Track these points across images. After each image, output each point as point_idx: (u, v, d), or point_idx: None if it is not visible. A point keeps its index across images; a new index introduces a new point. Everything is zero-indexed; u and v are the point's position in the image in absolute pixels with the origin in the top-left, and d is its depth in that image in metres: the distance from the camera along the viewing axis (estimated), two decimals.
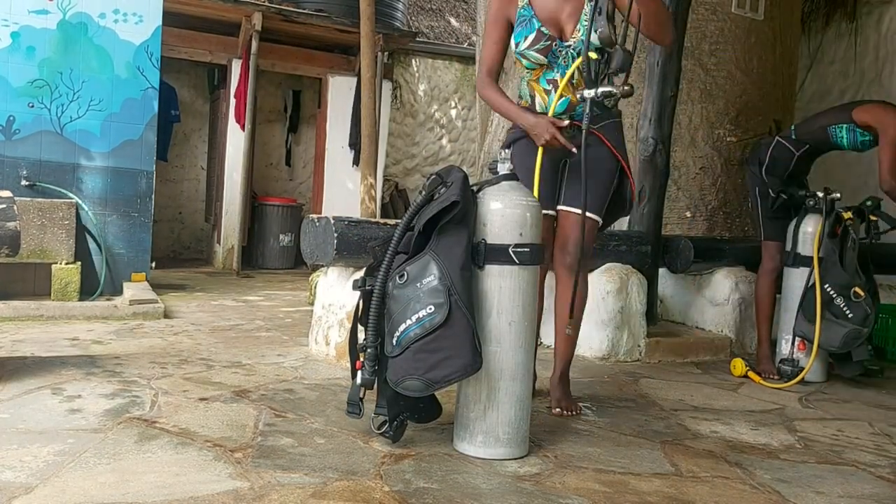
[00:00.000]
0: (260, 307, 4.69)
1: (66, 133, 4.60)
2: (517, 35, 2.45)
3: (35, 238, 4.21)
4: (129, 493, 1.58)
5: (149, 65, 4.80)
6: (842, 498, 1.84)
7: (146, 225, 4.84)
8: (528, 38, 2.41)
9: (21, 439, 1.89)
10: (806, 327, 3.18)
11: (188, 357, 3.02)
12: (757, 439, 2.31)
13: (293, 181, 8.57)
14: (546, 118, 2.34)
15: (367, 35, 4.77)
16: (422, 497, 1.66)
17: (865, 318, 3.15)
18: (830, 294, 3.17)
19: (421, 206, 1.96)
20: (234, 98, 6.91)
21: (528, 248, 1.94)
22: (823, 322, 3.12)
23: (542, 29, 2.39)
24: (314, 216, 2.87)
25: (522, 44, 2.42)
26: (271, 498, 1.59)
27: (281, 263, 7.40)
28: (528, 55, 2.42)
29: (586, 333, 3.54)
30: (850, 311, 3.15)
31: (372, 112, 4.92)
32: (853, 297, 3.15)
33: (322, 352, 3.16)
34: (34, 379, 2.50)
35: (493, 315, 1.94)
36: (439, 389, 1.91)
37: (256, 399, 2.41)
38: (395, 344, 1.90)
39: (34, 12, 4.51)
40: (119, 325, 3.74)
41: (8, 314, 3.71)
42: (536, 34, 2.40)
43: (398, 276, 1.93)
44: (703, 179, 4.45)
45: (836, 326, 3.14)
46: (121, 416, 2.14)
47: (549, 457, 2.01)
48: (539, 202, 2.12)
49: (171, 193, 8.08)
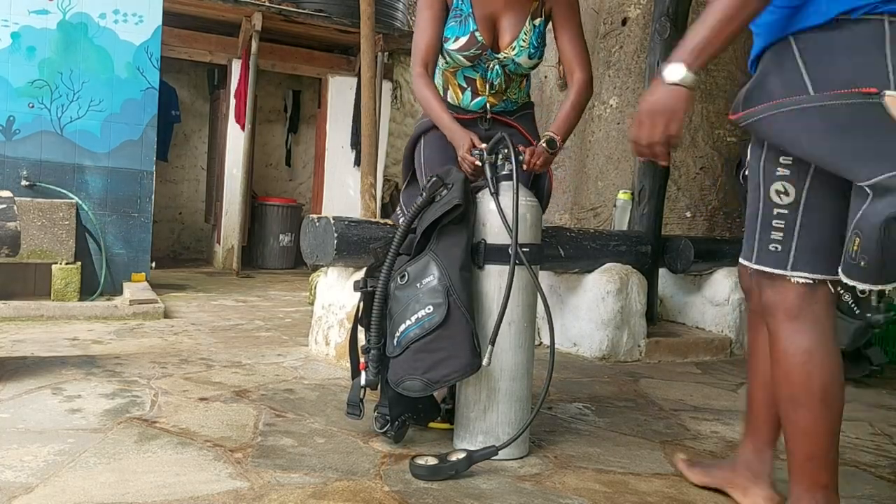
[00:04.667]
0: (260, 307, 4.69)
1: (66, 133, 4.61)
2: (448, 30, 2.21)
3: (35, 238, 4.21)
4: (129, 493, 1.58)
5: (149, 65, 4.81)
6: (842, 498, 1.84)
7: (146, 225, 4.85)
8: (459, 39, 2.19)
9: (21, 439, 1.89)
10: None
11: (188, 357, 3.02)
12: None
13: (293, 181, 8.57)
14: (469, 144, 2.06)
15: (367, 35, 4.77)
16: (422, 497, 1.66)
17: (874, 312, 3.14)
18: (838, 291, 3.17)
19: (422, 207, 1.96)
20: (234, 98, 6.91)
21: (528, 248, 1.94)
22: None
23: (477, 34, 2.17)
24: (314, 216, 2.87)
25: (452, 43, 2.20)
26: (271, 498, 1.59)
27: (281, 263, 7.41)
28: (454, 57, 2.21)
29: (586, 333, 3.54)
30: (857, 307, 3.15)
31: (372, 112, 4.92)
32: (860, 294, 3.15)
33: (322, 352, 3.16)
34: (34, 379, 2.50)
35: (493, 315, 1.94)
36: (439, 389, 1.92)
37: (256, 399, 2.41)
38: (396, 344, 1.90)
39: (34, 12, 4.51)
40: (119, 325, 3.74)
41: (8, 314, 3.71)
42: (469, 39, 2.18)
43: (399, 277, 1.93)
44: (704, 179, 4.45)
45: (843, 323, 3.14)
46: (121, 415, 2.14)
47: (549, 457, 2.01)
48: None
49: (171, 193, 8.08)
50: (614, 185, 4.49)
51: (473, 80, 2.26)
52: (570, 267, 3.55)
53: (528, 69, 2.26)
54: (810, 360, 1.42)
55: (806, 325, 1.45)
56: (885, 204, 1.27)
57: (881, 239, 1.28)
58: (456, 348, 1.84)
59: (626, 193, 4.04)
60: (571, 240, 3.41)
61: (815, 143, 1.35)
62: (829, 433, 1.43)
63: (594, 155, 4.69)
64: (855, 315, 3.22)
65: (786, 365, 1.44)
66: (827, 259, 1.43)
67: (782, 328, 1.46)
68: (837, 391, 1.43)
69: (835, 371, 1.43)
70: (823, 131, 1.33)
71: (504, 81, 2.25)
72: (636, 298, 3.51)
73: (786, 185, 1.42)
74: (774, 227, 1.44)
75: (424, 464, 1.78)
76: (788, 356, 1.44)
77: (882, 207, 1.27)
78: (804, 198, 1.41)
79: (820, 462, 1.45)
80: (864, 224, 1.29)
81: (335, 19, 6.72)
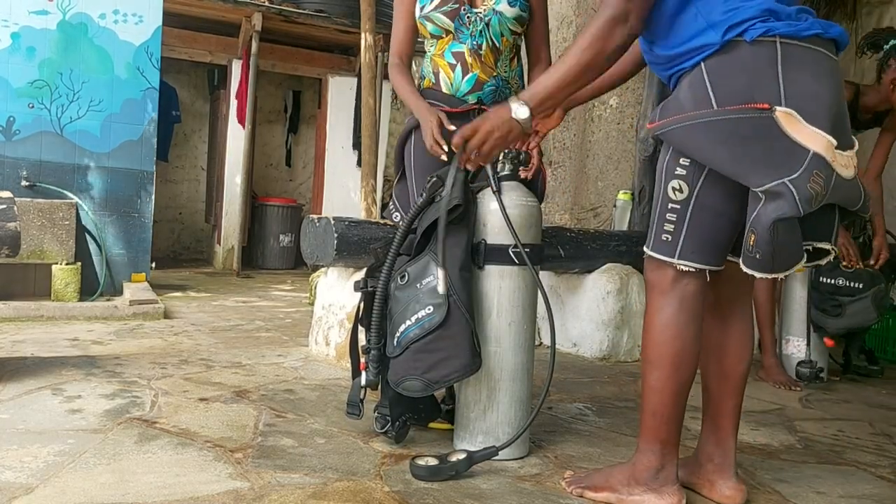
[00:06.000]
0: (260, 307, 4.69)
1: (66, 133, 4.61)
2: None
3: (35, 238, 4.21)
4: (129, 493, 1.58)
5: (149, 65, 4.81)
6: (842, 498, 1.84)
7: (146, 225, 4.85)
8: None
9: (21, 439, 1.89)
10: (826, 320, 3.19)
11: (188, 357, 3.02)
12: (757, 439, 2.31)
13: (293, 181, 8.57)
14: (435, 118, 2.08)
15: (368, 35, 4.77)
16: (422, 497, 1.66)
17: (873, 277, 3.16)
18: (833, 283, 3.18)
19: (422, 208, 1.96)
20: (235, 98, 6.91)
21: (528, 249, 1.93)
22: (850, 308, 3.14)
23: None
24: (314, 216, 2.87)
25: (428, 6, 2.20)
26: (271, 498, 1.59)
27: (281, 264, 7.41)
28: (433, 18, 2.19)
29: (587, 333, 3.54)
30: (857, 282, 3.16)
31: (372, 112, 4.92)
32: (848, 270, 3.17)
33: (322, 352, 3.16)
34: (34, 379, 2.50)
35: (493, 315, 1.94)
36: (439, 389, 1.92)
37: (256, 399, 2.41)
38: (396, 344, 1.90)
39: (34, 13, 4.51)
40: (119, 326, 3.74)
41: (8, 314, 3.71)
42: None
43: (399, 277, 1.93)
44: None
45: (858, 304, 3.16)
46: (121, 416, 2.14)
47: (549, 457, 2.01)
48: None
49: (171, 194, 8.09)
50: (614, 185, 4.49)
51: (461, 54, 2.20)
52: (571, 267, 3.55)
53: (513, 21, 2.20)
54: (667, 330, 1.62)
55: (674, 301, 1.62)
56: (773, 207, 1.45)
57: (771, 237, 1.46)
58: (456, 348, 1.84)
59: (626, 194, 4.04)
60: (571, 240, 3.41)
61: (718, 152, 1.50)
62: (674, 394, 1.64)
63: (594, 155, 4.69)
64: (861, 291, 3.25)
65: (650, 331, 1.65)
66: (709, 251, 1.60)
67: (653, 300, 1.66)
68: (689, 360, 1.64)
69: (687, 343, 1.63)
70: (725, 142, 1.49)
71: (491, 49, 2.20)
72: (636, 299, 3.51)
73: (681, 184, 1.58)
74: (667, 220, 1.61)
75: (424, 464, 1.78)
76: (653, 324, 1.65)
77: (771, 210, 1.45)
78: (695, 196, 1.58)
79: (663, 419, 1.65)
80: (758, 224, 1.47)
81: (335, 19, 6.72)
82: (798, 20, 1.52)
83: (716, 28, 1.51)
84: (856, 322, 3.16)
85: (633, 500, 1.66)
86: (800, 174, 1.44)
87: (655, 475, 1.66)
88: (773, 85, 1.47)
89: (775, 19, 1.50)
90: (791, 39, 1.49)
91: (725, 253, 1.64)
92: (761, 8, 1.50)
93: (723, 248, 1.62)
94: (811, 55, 1.50)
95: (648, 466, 1.66)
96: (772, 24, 1.49)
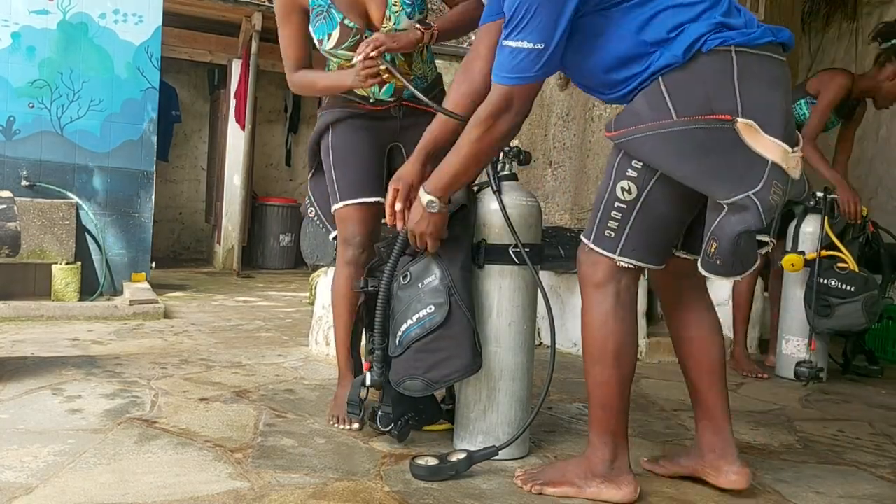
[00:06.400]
0: (260, 307, 4.69)
1: (67, 133, 4.61)
2: (317, 30, 2.09)
3: (35, 238, 4.21)
4: (129, 493, 1.58)
5: (149, 65, 4.81)
6: (842, 498, 1.84)
7: (146, 225, 4.85)
8: (331, 35, 2.07)
9: (21, 439, 1.89)
10: (815, 319, 3.18)
11: (188, 357, 3.02)
12: (757, 439, 2.31)
13: (293, 181, 8.58)
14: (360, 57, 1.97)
15: None
16: (422, 497, 1.66)
17: (867, 282, 3.15)
18: (826, 284, 3.17)
19: None
20: (235, 98, 6.92)
21: (528, 248, 1.93)
22: (839, 309, 3.13)
23: (346, 22, 2.05)
24: None
25: (327, 42, 2.09)
26: (271, 498, 1.59)
27: (281, 263, 7.41)
28: (337, 55, 2.12)
29: None
30: (849, 285, 3.15)
31: None
32: (841, 272, 3.17)
33: (322, 352, 3.16)
34: (34, 379, 2.50)
35: (493, 315, 1.94)
36: (439, 389, 1.92)
37: (256, 399, 2.41)
38: (398, 344, 1.90)
39: (34, 12, 4.51)
40: (119, 326, 3.74)
41: (8, 314, 3.71)
42: (340, 30, 2.06)
43: (402, 277, 1.93)
44: None
45: (848, 306, 3.14)
46: (121, 416, 2.14)
47: (550, 457, 2.01)
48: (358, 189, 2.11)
49: (171, 193, 8.09)
50: None
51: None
52: (570, 267, 3.55)
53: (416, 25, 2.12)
54: (606, 325, 1.66)
55: (608, 295, 1.66)
56: (738, 219, 1.49)
57: (734, 248, 1.51)
58: (457, 348, 1.84)
59: None
60: (571, 240, 3.41)
61: (683, 163, 1.53)
62: (619, 386, 1.68)
63: (594, 155, 4.69)
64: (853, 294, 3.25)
65: (590, 327, 1.69)
66: (651, 250, 1.65)
67: (589, 295, 1.70)
68: (629, 352, 1.68)
69: (626, 336, 1.67)
70: (688, 153, 1.52)
71: (404, 58, 2.14)
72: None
73: (631, 185, 1.61)
74: (612, 217, 1.64)
75: (424, 464, 1.78)
76: (592, 319, 1.68)
77: (736, 222, 1.49)
78: (643, 198, 1.61)
79: (611, 411, 1.69)
80: (720, 233, 1.52)
81: None
82: (750, 29, 1.56)
83: (671, 48, 1.53)
84: (843, 324, 3.14)
85: (591, 493, 1.69)
86: (761, 187, 1.48)
87: (610, 466, 1.70)
88: (731, 96, 1.50)
89: (728, 30, 1.53)
90: (745, 48, 1.53)
91: (667, 253, 1.70)
92: (712, 23, 1.53)
93: (664, 248, 1.68)
94: (766, 63, 1.55)
95: (603, 458, 1.70)
96: (726, 35, 1.52)
